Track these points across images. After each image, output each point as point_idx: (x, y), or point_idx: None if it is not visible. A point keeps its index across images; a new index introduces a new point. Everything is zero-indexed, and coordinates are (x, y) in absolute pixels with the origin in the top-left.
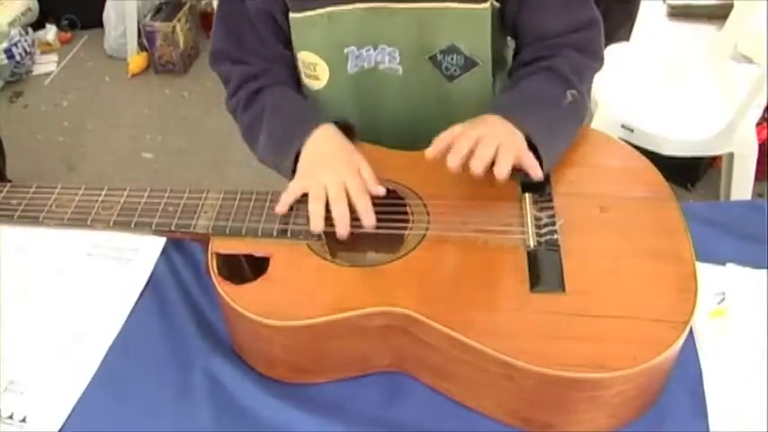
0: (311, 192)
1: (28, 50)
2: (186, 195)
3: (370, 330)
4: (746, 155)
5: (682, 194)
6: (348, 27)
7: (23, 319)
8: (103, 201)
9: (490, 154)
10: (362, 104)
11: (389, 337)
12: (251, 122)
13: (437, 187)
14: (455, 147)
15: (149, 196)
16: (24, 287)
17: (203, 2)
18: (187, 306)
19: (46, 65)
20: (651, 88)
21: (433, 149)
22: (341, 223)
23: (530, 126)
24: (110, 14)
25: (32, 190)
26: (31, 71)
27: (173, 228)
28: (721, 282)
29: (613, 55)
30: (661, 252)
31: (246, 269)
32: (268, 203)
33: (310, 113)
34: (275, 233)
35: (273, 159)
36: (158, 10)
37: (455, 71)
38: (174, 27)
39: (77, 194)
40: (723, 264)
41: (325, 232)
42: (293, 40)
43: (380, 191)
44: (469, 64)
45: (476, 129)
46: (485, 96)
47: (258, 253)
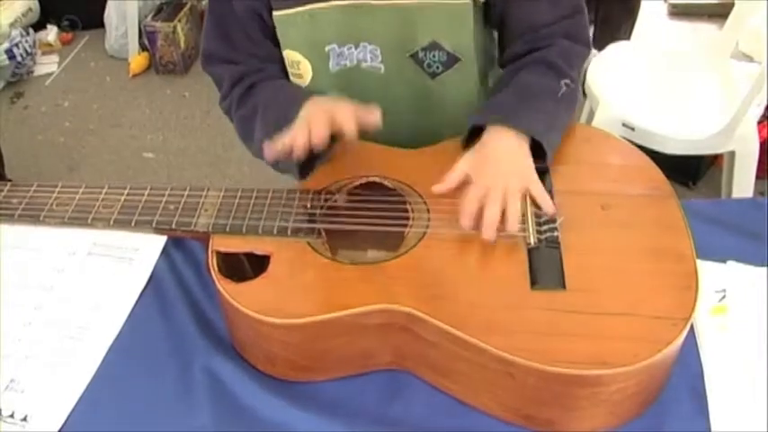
0: (295, 127)
1: (29, 51)
2: (187, 193)
3: (370, 328)
4: (748, 153)
5: (683, 193)
6: (329, 25)
7: (24, 318)
8: (104, 199)
9: (498, 213)
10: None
11: (390, 335)
12: (246, 118)
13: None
14: (464, 209)
15: (150, 195)
16: (25, 286)
17: (204, 2)
18: (188, 304)
19: (47, 65)
20: (652, 87)
21: (442, 189)
22: (316, 137)
23: (533, 126)
24: (111, 15)
25: (33, 189)
26: (33, 72)
27: (173, 226)
28: (722, 279)
29: (615, 53)
30: (662, 249)
31: (247, 267)
32: (268, 201)
33: (305, 96)
34: (276, 231)
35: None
36: (159, 10)
37: (437, 68)
38: (175, 27)
39: (78, 193)
40: (724, 261)
41: (325, 230)
42: (279, 38)
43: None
44: (452, 60)
45: (480, 182)
46: (469, 93)
47: (258, 251)
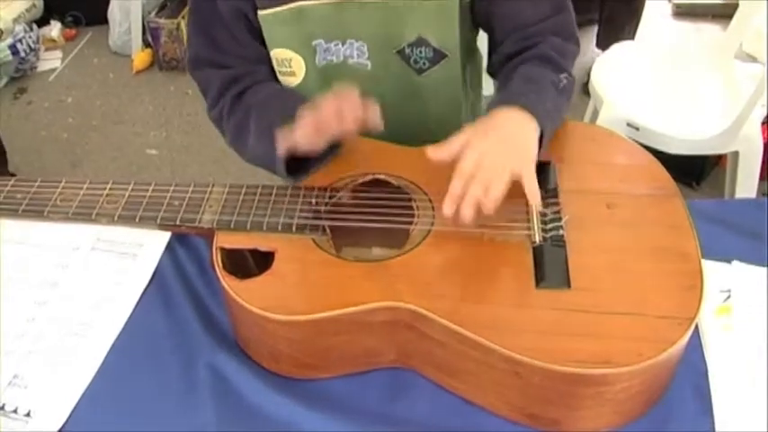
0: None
1: (32, 47)
2: (191, 189)
3: (374, 326)
4: (751, 154)
5: (686, 193)
6: (316, 21)
7: (27, 314)
8: (108, 195)
9: (479, 194)
10: None
11: (394, 333)
12: (238, 125)
13: (442, 183)
14: (451, 188)
15: (154, 190)
16: (29, 281)
17: None
18: (192, 301)
19: (50, 61)
20: (656, 87)
21: (439, 155)
22: (325, 116)
23: (539, 111)
24: (114, 11)
25: (37, 184)
26: (36, 67)
27: (177, 222)
28: (727, 279)
29: (619, 53)
30: (667, 249)
31: (251, 264)
32: (273, 198)
33: (297, 102)
34: (280, 227)
35: (265, 155)
36: (163, 6)
37: (424, 64)
38: (179, 24)
39: (82, 189)
40: (729, 261)
41: (330, 227)
42: (265, 38)
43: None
44: (438, 56)
45: (478, 147)
46: (454, 89)
47: (263, 247)
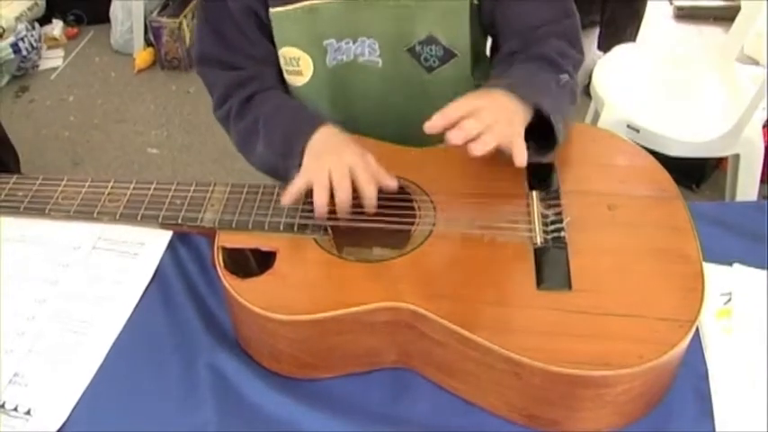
0: (315, 180)
1: (34, 45)
2: (193, 189)
3: (376, 326)
4: (752, 156)
5: (687, 196)
6: (328, 20)
7: (28, 312)
8: (110, 193)
9: (475, 129)
10: (342, 97)
11: (395, 333)
12: (246, 131)
13: (444, 183)
14: (445, 111)
15: (156, 189)
16: (29, 279)
17: None
18: (193, 300)
19: (52, 60)
20: (657, 89)
21: (437, 123)
22: (341, 207)
23: (537, 99)
24: (116, 10)
25: (39, 182)
26: (38, 66)
27: (179, 221)
28: (728, 282)
29: (620, 55)
30: (668, 251)
31: (252, 263)
32: (275, 197)
33: (310, 115)
34: (282, 227)
35: (275, 164)
36: (165, 6)
37: (434, 62)
38: (181, 23)
39: (84, 187)
40: (730, 264)
41: (331, 227)
42: (275, 36)
43: (389, 181)
44: (448, 55)
45: (473, 102)
46: (464, 89)
47: (264, 247)
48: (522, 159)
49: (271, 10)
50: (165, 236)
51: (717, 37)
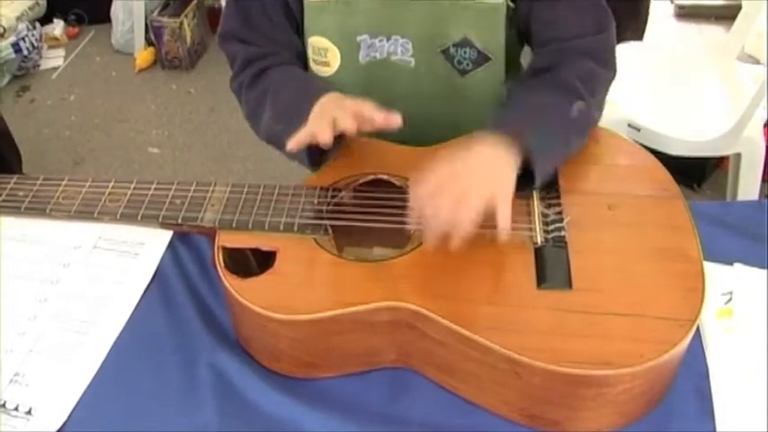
0: (314, 122)
1: (35, 45)
2: (193, 188)
3: (376, 325)
4: (754, 155)
5: (688, 195)
6: (363, 15)
7: (29, 312)
8: (110, 193)
9: (446, 208)
10: (372, 94)
11: (395, 333)
12: (255, 100)
13: None
14: (414, 191)
15: (156, 189)
16: (30, 279)
17: None
18: (193, 300)
19: (53, 59)
20: (658, 88)
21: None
22: (341, 119)
23: (530, 143)
24: (117, 9)
25: (39, 182)
26: (39, 65)
27: (179, 221)
28: (729, 281)
29: (621, 54)
30: (669, 250)
31: (253, 263)
32: (275, 197)
33: (317, 86)
34: (282, 227)
35: (279, 132)
36: (166, 5)
37: (467, 65)
38: (182, 23)
39: (84, 187)
40: (731, 263)
41: (332, 227)
42: (305, 25)
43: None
44: (482, 59)
45: (448, 169)
46: (497, 93)
47: (265, 247)
48: (505, 223)
49: None
50: (166, 236)
51: (718, 36)
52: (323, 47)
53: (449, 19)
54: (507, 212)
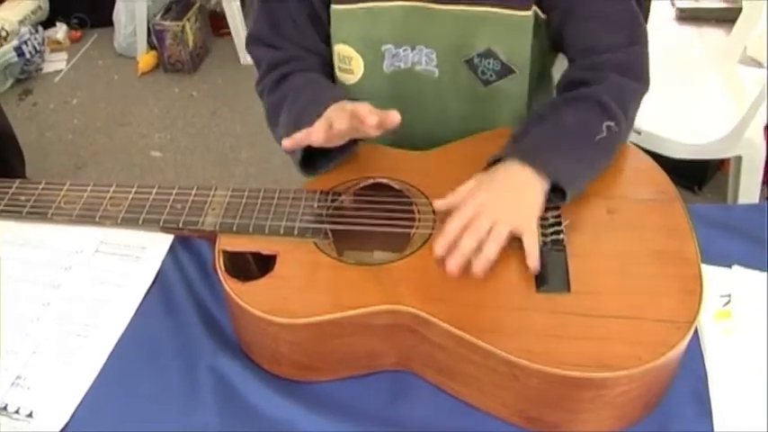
0: (316, 122)
1: (38, 48)
2: (194, 192)
3: (375, 329)
4: (754, 158)
5: (688, 198)
6: (388, 24)
7: (31, 315)
8: (112, 197)
9: (471, 247)
10: (396, 103)
11: (395, 336)
12: (274, 105)
13: (444, 187)
14: (446, 228)
15: (157, 193)
16: (32, 283)
17: (213, 2)
18: (194, 303)
19: (56, 63)
20: (659, 91)
21: (443, 205)
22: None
23: (557, 169)
24: (120, 13)
25: (41, 186)
26: (41, 69)
27: (180, 225)
28: (727, 284)
29: None
30: (667, 253)
31: (253, 266)
32: (276, 201)
33: (332, 94)
34: (282, 231)
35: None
36: (168, 9)
37: (490, 76)
38: (184, 26)
39: (86, 191)
40: (729, 266)
41: (331, 230)
42: (332, 32)
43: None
44: (505, 71)
45: (478, 198)
46: (520, 105)
47: (265, 250)
48: (534, 259)
49: (333, 6)
50: (167, 240)
51: (719, 39)
52: (347, 55)
53: (474, 29)
54: (535, 249)
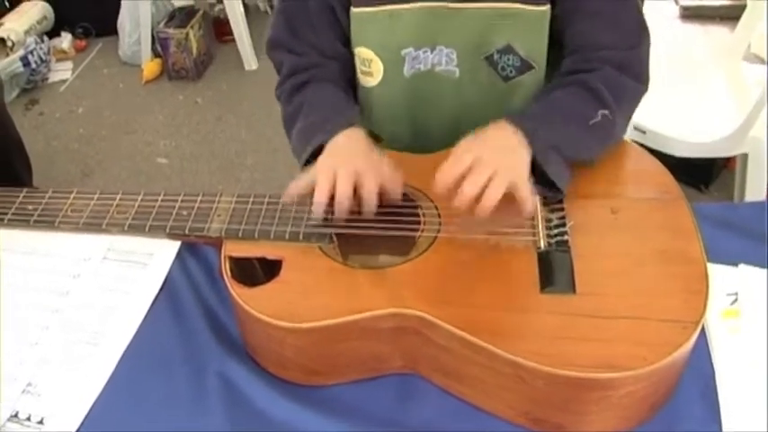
0: (318, 179)
1: (44, 58)
2: (200, 199)
3: (381, 332)
4: (760, 156)
5: (695, 196)
6: (408, 26)
7: (40, 323)
8: (118, 205)
9: (474, 191)
10: (416, 105)
11: (401, 339)
12: (290, 114)
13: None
14: (447, 168)
15: (163, 200)
16: (41, 291)
17: (216, 9)
18: (201, 309)
19: (61, 72)
20: (664, 89)
21: (440, 185)
22: (338, 209)
23: (541, 140)
24: (124, 22)
25: (48, 195)
26: (47, 78)
27: (186, 231)
28: (734, 282)
29: None
30: (672, 253)
31: (259, 272)
32: (280, 206)
33: (344, 113)
34: (288, 236)
35: (299, 153)
36: (172, 17)
37: (510, 72)
38: (188, 34)
39: (92, 199)
40: (735, 264)
41: (336, 235)
42: (352, 35)
43: (398, 186)
44: (525, 66)
45: (473, 151)
46: None
47: (271, 256)
48: (528, 206)
49: (353, 9)
50: (174, 246)
51: (723, 36)
52: (367, 57)
53: (493, 26)
54: (529, 196)
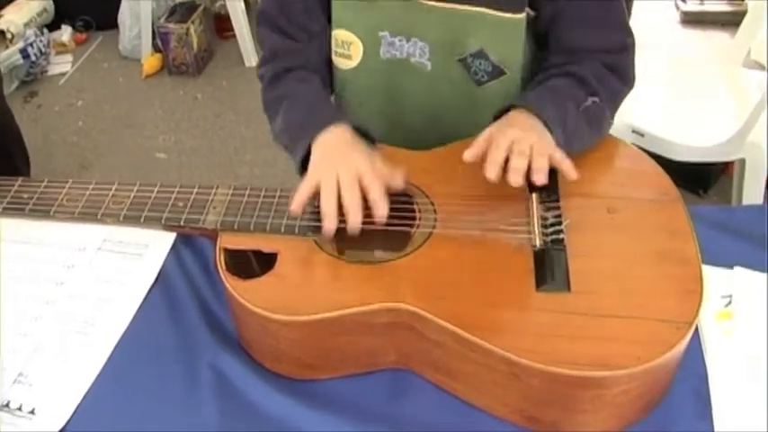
0: (323, 186)
1: (43, 51)
2: (196, 191)
3: (375, 327)
4: (758, 161)
5: (693, 201)
6: (385, 14)
7: (33, 313)
8: (114, 195)
9: (525, 163)
10: (390, 92)
11: (395, 334)
12: (271, 102)
13: (444, 186)
14: (491, 157)
15: (159, 191)
16: (35, 281)
17: (217, 4)
18: (195, 301)
19: (61, 65)
20: (663, 94)
21: (471, 154)
22: (352, 214)
23: (547, 115)
24: (124, 16)
25: (44, 184)
26: (46, 71)
27: (182, 222)
28: (728, 284)
29: None
30: (667, 253)
31: (254, 264)
32: (277, 199)
33: (328, 110)
34: (283, 229)
35: (286, 147)
36: (173, 12)
37: (482, 76)
38: (188, 29)
39: (88, 189)
40: (730, 267)
41: None
42: (333, 17)
43: (399, 181)
44: (497, 72)
45: (507, 134)
46: None
47: (266, 249)
48: (572, 172)
49: None
50: (169, 238)
51: (723, 42)
52: (347, 40)
53: (466, 29)
54: (567, 159)
